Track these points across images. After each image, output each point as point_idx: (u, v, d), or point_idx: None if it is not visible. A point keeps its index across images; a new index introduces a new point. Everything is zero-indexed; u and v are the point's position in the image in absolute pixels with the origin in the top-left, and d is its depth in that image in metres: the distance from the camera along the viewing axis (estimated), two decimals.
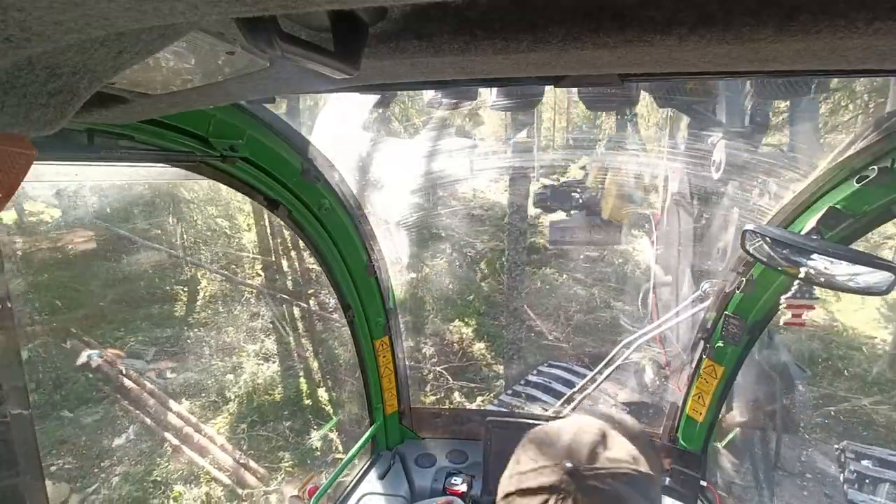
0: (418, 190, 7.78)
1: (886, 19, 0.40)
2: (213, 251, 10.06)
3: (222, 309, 9.29)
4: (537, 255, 11.37)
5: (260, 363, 8.50)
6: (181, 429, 6.71)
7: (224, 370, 8.20)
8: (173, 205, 9.78)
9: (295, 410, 7.78)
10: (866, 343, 8.60)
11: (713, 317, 1.69)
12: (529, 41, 0.51)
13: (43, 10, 0.28)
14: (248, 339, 8.93)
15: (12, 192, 0.41)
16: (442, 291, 9.88)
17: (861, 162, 1.20)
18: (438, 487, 1.91)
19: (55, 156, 0.84)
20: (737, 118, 3.78)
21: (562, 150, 15.79)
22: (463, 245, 11.72)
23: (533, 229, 12.54)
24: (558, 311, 9.56)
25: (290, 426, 7.46)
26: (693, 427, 1.82)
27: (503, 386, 7.63)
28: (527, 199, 7.89)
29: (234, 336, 8.90)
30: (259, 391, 7.90)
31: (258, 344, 8.84)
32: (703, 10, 0.45)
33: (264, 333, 9.07)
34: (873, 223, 1.28)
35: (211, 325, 9.04)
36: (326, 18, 0.49)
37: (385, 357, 2.02)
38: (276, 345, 8.92)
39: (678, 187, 4.80)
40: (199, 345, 8.65)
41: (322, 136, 2.86)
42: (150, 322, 8.66)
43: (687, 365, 3.04)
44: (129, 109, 0.64)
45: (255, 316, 9.28)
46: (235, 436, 7.13)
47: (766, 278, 1.52)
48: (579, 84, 1.24)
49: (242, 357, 8.55)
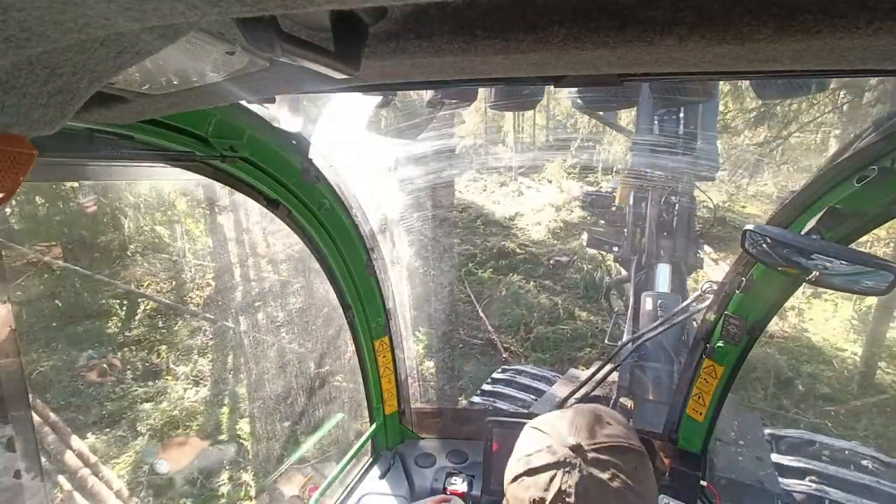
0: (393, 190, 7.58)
1: (886, 19, 0.40)
2: (145, 264, 9.29)
3: (161, 326, 8.59)
4: (506, 261, 10.95)
5: (188, 387, 7.85)
6: (77, 470, 5.60)
7: (144, 397, 7.51)
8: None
9: (208, 447, 6.89)
10: (836, 356, 7.97)
11: (713, 317, 1.69)
12: (529, 41, 0.51)
13: (43, 10, 0.28)
14: (181, 361, 8.23)
15: (12, 192, 0.41)
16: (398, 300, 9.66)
17: (861, 162, 1.20)
18: (438, 487, 1.91)
19: (55, 156, 0.84)
20: (646, 127, 3.83)
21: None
22: (430, 249, 11.61)
23: (505, 231, 12.26)
24: (520, 322, 9.06)
25: (198, 466, 6.58)
26: (693, 427, 1.82)
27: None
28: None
29: (164, 357, 8.19)
30: (175, 423, 7.18)
31: (189, 366, 8.17)
32: (703, 10, 0.45)
33: (200, 354, 8.39)
34: (873, 223, 1.28)
35: (143, 343, 8.33)
36: (326, 18, 0.49)
37: (385, 357, 2.02)
38: (211, 366, 8.24)
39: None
40: (122, 367, 7.92)
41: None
42: (69, 342, 7.92)
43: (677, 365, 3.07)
44: (129, 109, 0.64)
45: (193, 333, 8.59)
46: (137, 478, 6.25)
47: (766, 278, 1.52)
48: (579, 84, 1.24)
49: (170, 381, 7.89)
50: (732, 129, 9.16)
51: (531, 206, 13.25)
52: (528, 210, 13.13)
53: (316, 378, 7.62)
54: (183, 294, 9.44)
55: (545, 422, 0.85)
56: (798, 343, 8.30)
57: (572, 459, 0.75)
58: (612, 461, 0.74)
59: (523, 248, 11.36)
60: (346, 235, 1.74)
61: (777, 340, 8.38)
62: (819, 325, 8.71)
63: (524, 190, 14.29)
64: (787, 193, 1.42)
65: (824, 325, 8.71)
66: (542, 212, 12.75)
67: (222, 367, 8.32)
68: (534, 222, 12.64)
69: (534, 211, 13.01)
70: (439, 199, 7.41)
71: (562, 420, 0.83)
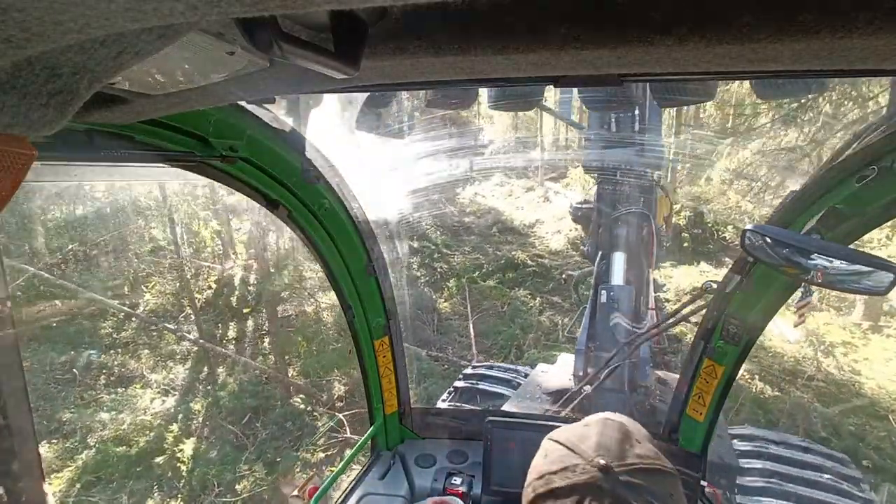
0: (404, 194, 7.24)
1: (886, 19, 0.40)
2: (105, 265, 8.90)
3: (128, 334, 8.30)
4: (513, 273, 10.16)
5: (156, 396, 7.59)
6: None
7: (107, 407, 7.21)
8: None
9: (148, 467, 6.61)
10: (894, 409, 6.05)
11: (713, 317, 1.69)
12: (529, 41, 0.51)
13: (43, 11, 0.28)
14: (154, 370, 7.97)
15: (12, 192, 0.41)
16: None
17: (861, 162, 1.20)
18: (438, 487, 1.91)
19: (55, 156, 0.84)
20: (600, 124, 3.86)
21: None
22: (436, 258, 10.58)
23: (521, 240, 11.46)
24: (512, 344, 8.28)
25: (132, 488, 6.24)
26: (693, 427, 1.82)
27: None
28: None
29: (135, 366, 7.90)
30: (123, 438, 6.87)
31: (161, 373, 7.94)
32: (703, 10, 0.45)
33: (173, 361, 8.11)
34: (873, 223, 1.28)
35: (113, 348, 8.03)
36: (326, 18, 0.49)
37: (385, 357, 2.02)
38: (177, 378, 7.96)
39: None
40: (90, 374, 7.60)
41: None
42: (31, 347, 7.59)
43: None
44: (129, 109, 0.64)
45: (160, 341, 8.27)
46: (68, 498, 6.06)
47: (766, 278, 1.52)
48: (579, 84, 1.24)
49: (137, 390, 7.60)
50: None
51: (554, 213, 12.39)
52: (550, 217, 12.29)
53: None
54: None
55: (568, 436, 0.77)
56: (843, 389, 6.53)
57: (601, 482, 0.67)
58: (644, 486, 0.68)
59: (535, 260, 10.59)
60: (345, 235, 1.74)
61: (817, 384, 6.62)
62: (876, 367, 6.82)
63: (551, 196, 13.37)
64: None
65: (884, 366, 6.76)
66: (564, 219, 11.81)
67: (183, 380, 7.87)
68: (553, 231, 11.87)
69: (555, 218, 12.14)
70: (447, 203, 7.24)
71: (587, 436, 0.75)
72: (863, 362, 6.92)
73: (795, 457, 3.45)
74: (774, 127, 8.54)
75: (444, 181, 7.93)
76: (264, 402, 7.52)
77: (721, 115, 10.52)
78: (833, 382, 6.55)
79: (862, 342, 7.36)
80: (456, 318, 9.11)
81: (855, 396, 6.27)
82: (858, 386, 6.49)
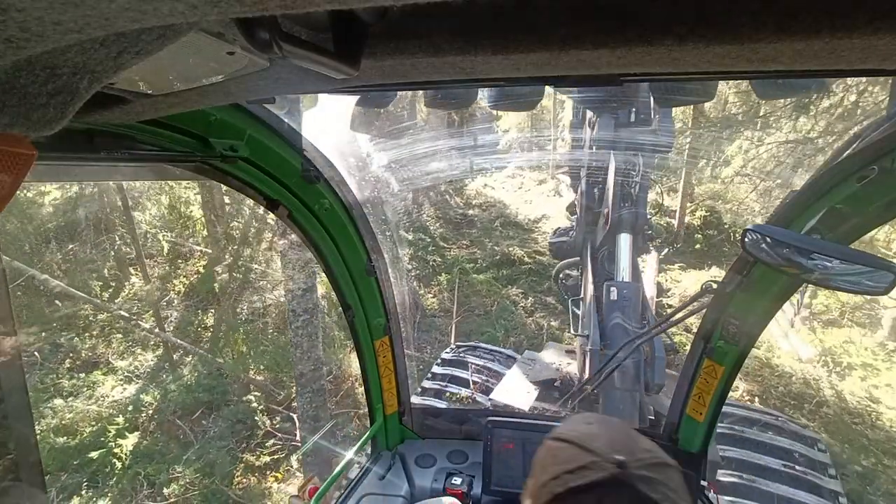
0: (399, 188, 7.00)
1: (886, 19, 0.40)
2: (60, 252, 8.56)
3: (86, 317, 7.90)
4: (508, 270, 9.68)
5: (117, 384, 7.23)
6: None
7: (66, 392, 6.83)
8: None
9: (83, 462, 6.16)
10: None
11: (713, 317, 1.69)
12: (529, 41, 0.51)
13: (43, 11, 0.28)
14: (122, 356, 7.63)
15: (12, 192, 0.41)
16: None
17: (861, 162, 1.20)
18: (438, 487, 1.91)
19: (55, 156, 0.84)
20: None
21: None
22: (430, 251, 10.08)
23: (522, 235, 10.94)
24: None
25: (64, 483, 5.87)
26: (693, 427, 1.82)
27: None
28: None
29: (103, 351, 7.53)
30: (69, 428, 6.43)
31: (128, 360, 7.59)
32: (703, 10, 0.45)
33: (143, 348, 7.76)
34: (873, 223, 1.28)
35: (87, 331, 7.67)
36: (326, 18, 0.49)
37: (385, 357, 2.02)
38: (142, 366, 7.59)
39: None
40: (55, 357, 7.24)
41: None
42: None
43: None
44: (129, 109, 0.64)
45: (136, 327, 7.90)
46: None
47: (766, 278, 1.52)
48: (579, 84, 1.24)
49: (99, 376, 7.26)
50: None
51: (562, 209, 11.04)
52: (558, 212, 11.53)
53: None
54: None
55: (576, 435, 0.77)
56: (857, 419, 5.49)
57: (621, 477, 0.69)
58: (658, 479, 0.70)
59: (533, 258, 10.08)
60: (345, 235, 1.74)
61: (826, 412, 5.64)
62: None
63: (563, 189, 12.52)
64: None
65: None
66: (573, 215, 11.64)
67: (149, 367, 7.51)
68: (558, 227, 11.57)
69: (563, 214, 11.57)
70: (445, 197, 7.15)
71: (596, 434, 0.76)
72: (883, 388, 5.90)
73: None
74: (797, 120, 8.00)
75: (450, 173, 7.71)
76: (219, 397, 7.14)
77: (746, 107, 9.74)
78: (846, 411, 5.63)
79: (885, 365, 6.28)
80: (441, 315, 8.77)
81: (869, 429, 5.34)
82: (875, 416, 5.52)
